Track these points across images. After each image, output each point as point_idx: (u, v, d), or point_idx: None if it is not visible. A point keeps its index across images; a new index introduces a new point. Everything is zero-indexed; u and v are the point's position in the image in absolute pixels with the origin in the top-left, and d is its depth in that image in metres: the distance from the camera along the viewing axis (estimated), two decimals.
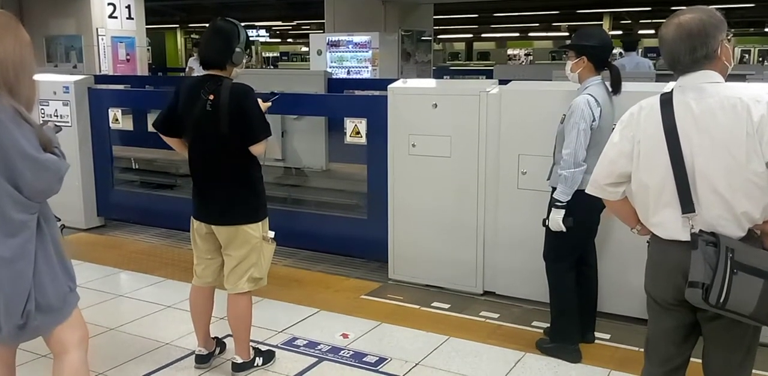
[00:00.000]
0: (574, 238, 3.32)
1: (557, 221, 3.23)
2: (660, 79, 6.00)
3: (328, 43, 12.68)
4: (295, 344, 3.59)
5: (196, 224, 3.20)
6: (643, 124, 2.15)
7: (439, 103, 4.21)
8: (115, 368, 3.32)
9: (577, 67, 3.31)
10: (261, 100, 3.14)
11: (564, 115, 3.28)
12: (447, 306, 4.13)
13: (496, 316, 3.99)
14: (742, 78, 5.77)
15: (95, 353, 2.68)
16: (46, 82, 5.61)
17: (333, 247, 5.12)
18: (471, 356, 3.46)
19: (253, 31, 22.85)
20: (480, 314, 4.01)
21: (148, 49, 15.28)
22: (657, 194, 2.13)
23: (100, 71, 13.18)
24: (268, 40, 27.60)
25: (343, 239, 5.03)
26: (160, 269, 4.82)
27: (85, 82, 5.81)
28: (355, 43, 12.46)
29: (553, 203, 3.26)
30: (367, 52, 12.37)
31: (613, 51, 3.63)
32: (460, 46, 31.37)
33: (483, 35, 28.87)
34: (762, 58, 24.00)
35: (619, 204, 2.34)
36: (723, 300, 1.94)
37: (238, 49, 3.02)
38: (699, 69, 2.11)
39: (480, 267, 4.26)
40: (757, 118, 1.98)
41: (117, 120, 5.80)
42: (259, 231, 3.14)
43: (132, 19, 14.01)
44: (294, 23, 25.12)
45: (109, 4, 13.53)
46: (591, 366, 3.36)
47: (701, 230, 2.04)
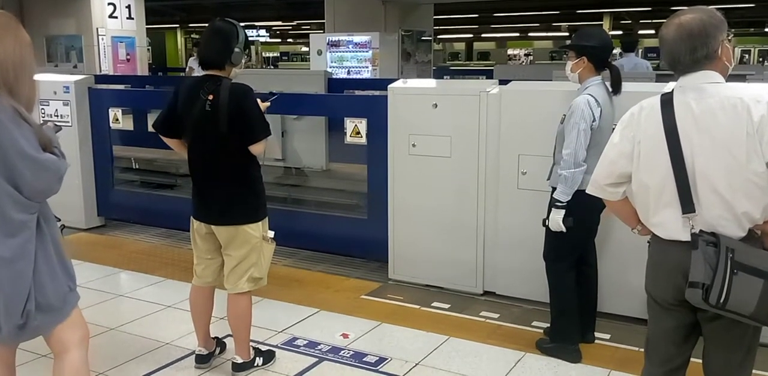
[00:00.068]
0: (574, 238, 3.32)
1: (557, 221, 3.23)
2: (660, 79, 5.99)
3: (328, 43, 12.68)
4: (295, 344, 3.59)
5: (195, 224, 3.20)
6: (643, 124, 2.15)
7: (440, 104, 4.21)
8: (116, 367, 3.32)
9: (578, 68, 3.31)
10: (260, 100, 3.14)
11: (564, 115, 3.28)
12: (447, 306, 4.13)
13: (496, 316, 3.99)
14: (742, 78, 5.76)
15: (95, 352, 2.68)
16: (47, 82, 5.62)
17: (333, 247, 5.12)
18: (471, 356, 3.47)
19: (253, 31, 22.83)
20: (480, 314, 4.01)
21: (148, 49, 15.29)
22: (657, 194, 2.13)
23: (101, 71, 13.18)
24: (269, 40, 27.58)
25: (344, 239, 5.03)
26: (161, 268, 4.83)
27: (86, 82, 5.81)
28: (355, 43, 12.46)
29: (553, 203, 3.26)
30: (367, 52, 12.36)
31: (613, 51, 3.63)
32: (460, 46, 31.35)
33: (483, 35, 28.85)
34: (762, 59, 23.97)
35: (620, 204, 2.34)
36: (723, 300, 1.94)
37: (237, 50, 3.02)
38: (699, 69, 2.11)
39: (480, 267, 4.26)
40: (757, 118, 1.98)
41: (117, 120, 5.80)
42: (259, 231, 3.14)
43: (132, 19, 14.02)
44: (294, 23, 25.10)
45: (109, 4, 13.54)
46: (591, 366, 3.36)
47: (701, 230, 2.04)
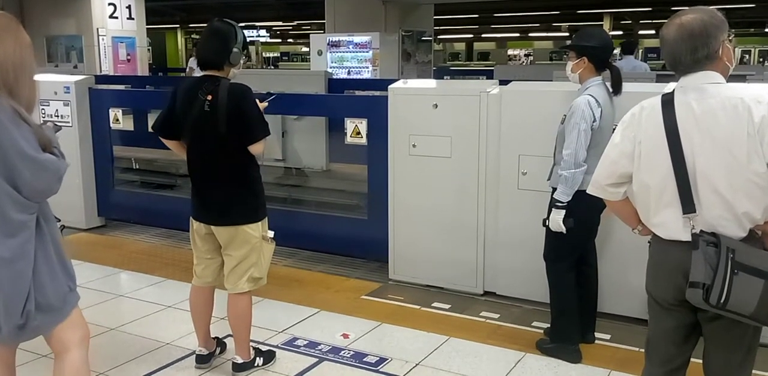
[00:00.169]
0: (574, 238, 3.32)
1: (557, 221, 3.23)
2: (660, 79, 5.99)
3: (328, 44, 12.68)
4: (295, 344, 3.59)
5: (195, 225, 3.20)
6: (644, 124, 2.15)
7: (440, 104, 4.21)
8: (116, 368, 3.32)
9: (578, 68, 3.31)
10: (258, 101, 3.14)
11: (564, 115, 3.28)
12: (447, 306, 4.13)
13: (496, 316, 3.99)
14: (742, 79, 5.77)
15: (96, 353, 2.68)
16: (47, 83, 5.62)
17: (333, 247, 5.12)
18: (471, 357, 3.46)
19: (253, 31, 22.83)
20: (480, 315, 4.01)
21: (148, 49, 15.29)
22: (658, 194, 2.13)
23: (101, 71, 13.18)
24: (269, 40, 27.56)
25: (344, 240, 5.03)
26: (161, 269, 4.83)
27: (86, 82, 5.81)
28: (356, 44, 12.46)
29: (553, 204, 3.26)
30: (367, 52, 12.37)
31: (614, 51, 3.63)
32: (461, 47, 31.34)
33: (483, 35, 28.85)
34: (762, 59, 23.97)
35: (621, 204, 2.34)
36: (723, 300, 1.94)
37: (235, 50, 3.03)
38: (700, 69, 2.11)
39: (480, 267, 4.26)
40: (758, 118, 1.99)
41: (117, 120, 5.80)
42: (258, 231, 3.14)
43: (132, 19, 14.03)
44: (294, 23, 25.11)
45: (109, 5, 13.54)
46: (591, 366, 3.36)
47: (702, 231, 2.04)
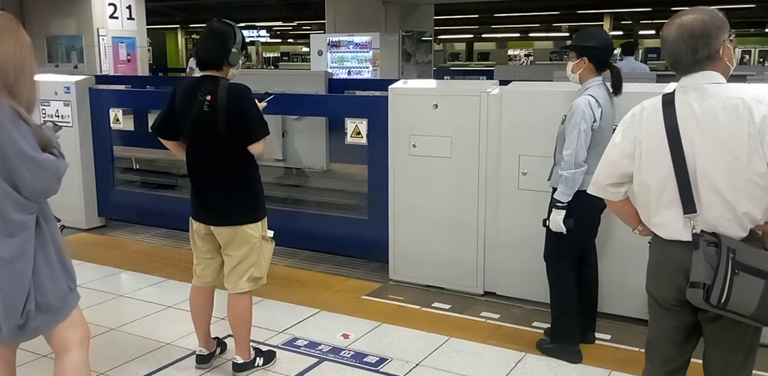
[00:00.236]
0: (574, 238, 3.32)
1: (558, 221, 3.23)
2: (660, 80, 5.99)
3: (328, 44, 12.68)
4: (295, 344, 3.60)
5: (195, 225, 3.20)
6: (645, 124, 2.15)
7: (440, 104, 4.21)
8: (116, 368, 3.32)
9: (578, 68, 3.31)
10: (257, 101, 3.14)
11: (565, 115, 3.28)
12: (447, 307, 4.13)
13: (496, 316, 3.99)
14: (742, 79, 5.77)
15: (96, 353, 2.68)
16: (48, 83, 5.62)
17: (334, 247, 5.12)
18: (471, 357, 3.47)
19: (253, 31, 22.84)
20: (480, 315, 4.01)
21: (148, 49, 15.30)
22: (658, 194, 2.13)
23: (101, 71, 13.19)
24: (269, 40, 27.57)
25: (344, 240, 5.03)
26: (161, 269, 4.83)
27: (86, 82, 5.82)
28: (356, 44, 12.46)
29: (553, 204, 3.26)
30: (367, 52, 12.36)
31: (614, 52, 3.63)
32: (461, 47, 31.34)
33: (483, 36, 28.84)
34: (762, 59, 23.94)
35: (621, 204, 2.34)
36: (724, 301, 1.94)
37: (234, 50, 3.03)
38: (701, 70, 2.11)
39: (480, 268, 4.26)
40: (758, 119, 1.99)
41: (118, 120, 5.81)
42: (258, 231, 3.14)
43: (133, 19, 14.04)
44: (294, 24, 25.10)
45: (109, 5, 13.55)
46: (591, 367, 3.36)
47: (702, 231, 2.04)
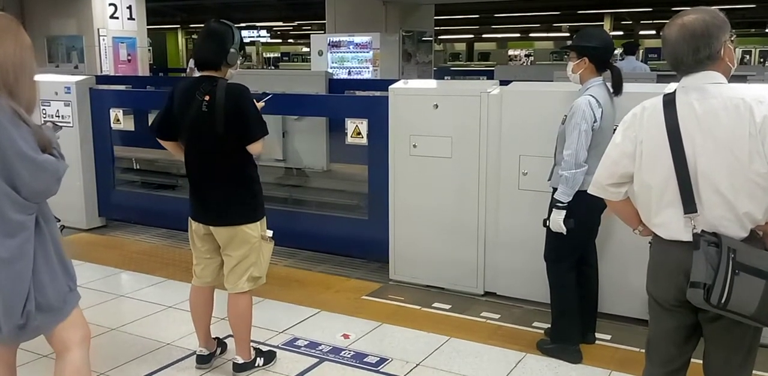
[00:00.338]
0: (574, 238, 3.31)
1: (558, 221, 3.23)
2: (661, 80, 5.99)
3: (329, 44, 12.67)
4: (296, 344, 3.60)
5: (194, 225, 3.20)
6: (645, 124, 2.15)
7: (440, 104, 4.21)
8: (117, 368, 3.32)
9: (579, 68, 3.31)
10: (255, 101, 3.14)
11: (565, 116, 3.28)
12: (448, 307, 4.13)
13: (496, 316, 3.99)
14: (742, 79, 5.76)
15: (96, 353, 2.68)
16: (48, 83, 5.62)
17: (334, 247, 5.12)
18: (472, 357, 3.46)
19: (254, 31, 22.85)
20: (481, 315, 4.01)
21: (149, 49, 15.30)
22: (659, 194, 2.13)
23: (102, 72, 13.20)
24: (269, 40, 27.56)
25: (344, 240, 5.03)
26: (161, 269, 4.83)
27: (87, 82, 5.82)
28: (356, 44, 12.45)
29: (554, 204, 3.26)
30: (368, 52, 12.36)
31: (614, 52, 3.63)
32: (461, 47, 31.33)
33: (484, 36, 28.84)
34: (763, 59, 23.93)
35: (621, 204, 2.34)
36: (724, 301, 1.94)
37: (232, 50, 3.04)
38: (702, 70, 2.11)
39: (481, 268, 4.26)
40: (759, 119, 1.99)
41: (118, 120, 5.81)
42: (257, 231, 3.14)
43: (133, 19, 14.04)
44: (295, 24, 25.09)
45: (110, 5, 13.55)
46: (591, 367, 3.36)
47: (703, 231, 2.04)
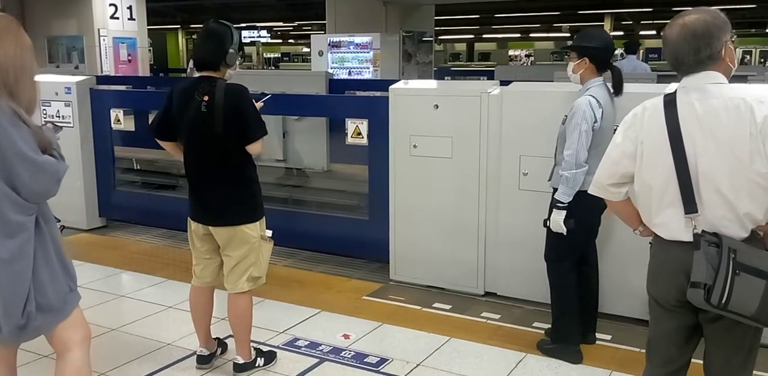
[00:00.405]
0: (575, 239, 3.31)
1: (558, 222, 3.23)
2: (661, 80, 5.99)
3: (329, 44, 12.67)
4: (296, 344, 3.60)
5: (193, 225, 3.21)
6: (646, 124, 2.15)
7: (441, 104, 4.21)
8: (117, 368, 3.32)
9: (579, 69, 3.31)
10: (254, 101, 3.15)
11: (565, 116, 3.28)
12: (448, 307, 4.13)
13: (497, 317, 3.99)
14: (743, 79, 5.76)
15: (97, 353, 2.68)
16: (48, 83, 5.62)
17: (334, 247, 5.12)
18: (472, 357, 3.46)
19: (254, 31, 22.85)
20: (481, 315, 4.01)
21: (149, 49, 15.30)
22: (660, 195, 2.13)
23: (102, 72, 13.20)
24: (270, 41, 27.56)
25: (345, 240, 5.03)
26: (162, 269, 4.83)
27: (87, 82, 5.82)
28: (357, 44, 12.45)
29: (554, 204, 3.25)
30: (368, 53, 12.36)
31: (615, 52, 3.63)
32: (461, 47, 31.33)
33: (484, 36, 28.84)
34: (763, 60, 23.91)
35: (622, 205, 2.34)
36: (725, 301, 1.94)
37: (231, 51, 3.04)
38: (703, 70, 2.11)
39: (481, 268, 4.26)
40: (760, 119, 1.99)
41: (119, 121, 5.81)
42: (257, 230, 3.14)
43: (133, 19, 14.05)
44: (295, 24, 25.10)
45: (110, 5, 13.56)
46: (592, 367, 3.36)
47: (704, 231, 2.04)
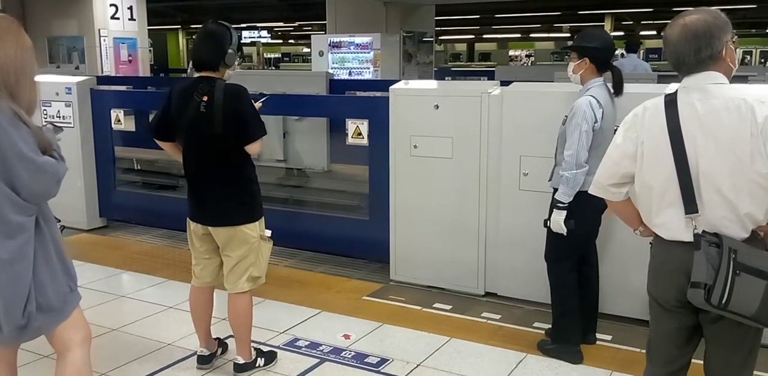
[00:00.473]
0: (575, 239, 3.31)
1: (559, 222, 3.23)
2: (662, 80, 5.99)
3: (329, 45, 12.67)
4: (296, 344, 3.60)
5: (192, 226, 3.21)
6: (647, 124, 2.15)
7: (441, 105, 4.21)
8: (118, 368, 3.32)
9: (580, 69, 3.31)
10: (252, 101, 3.15)
11: (566, 116, 3.28)
12: (448, 307, 4.13)
13: (497, 317, 3.99)
14: (743, 79, 5.76)
15: (97, 353, 2.68)
16: (49, 83, 5.62)
17: (335, 248, 5.12)
18: (472, 357, 3.46)
19: (254, 32, 22.84)
20: (481, 315, 4.01)
21: (150, 50, 15.30)
22: (660, 195, 2.13)
23: (102, 72, 13.20)
24: (270, 41, 27.56)
25: (345, 240, 5.03)
26: (162, 269, 4.83)
27: (88, 83, 5.83)
28: (357, 45, 12.44)
29: (554, 205, 3.25)
30: (368, 53, 12.35)
31: (615, 52, 3.63)
32: (462, 47, 31.31)
33: (484, 36, 28.83)
34: (764, 60, 23.89)
35: (622, 205, 2.34)
36: (725, 301, 1.94)
37: (230, 51, 3.04)
38: (703, 70, 2.11)
39: (481, 268, 4.26)
40: (761, 119, 1.99)
41: (119, 121, 5.82)
42: (256, 230, 3.15)
43: (134, 20, 14.05)
44: (296, 24, 25.08)
45: (111, 5, 13.56)
46: (592, 367, 3.36)
47: (704, 231, 2.04)
